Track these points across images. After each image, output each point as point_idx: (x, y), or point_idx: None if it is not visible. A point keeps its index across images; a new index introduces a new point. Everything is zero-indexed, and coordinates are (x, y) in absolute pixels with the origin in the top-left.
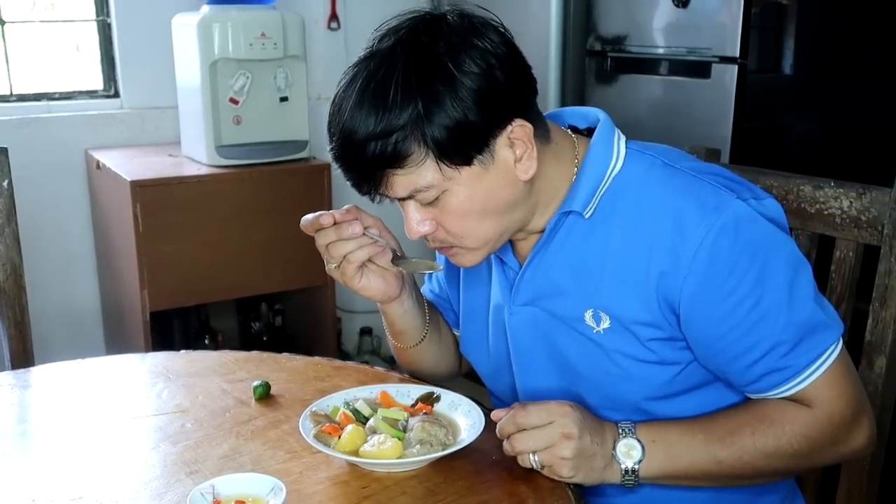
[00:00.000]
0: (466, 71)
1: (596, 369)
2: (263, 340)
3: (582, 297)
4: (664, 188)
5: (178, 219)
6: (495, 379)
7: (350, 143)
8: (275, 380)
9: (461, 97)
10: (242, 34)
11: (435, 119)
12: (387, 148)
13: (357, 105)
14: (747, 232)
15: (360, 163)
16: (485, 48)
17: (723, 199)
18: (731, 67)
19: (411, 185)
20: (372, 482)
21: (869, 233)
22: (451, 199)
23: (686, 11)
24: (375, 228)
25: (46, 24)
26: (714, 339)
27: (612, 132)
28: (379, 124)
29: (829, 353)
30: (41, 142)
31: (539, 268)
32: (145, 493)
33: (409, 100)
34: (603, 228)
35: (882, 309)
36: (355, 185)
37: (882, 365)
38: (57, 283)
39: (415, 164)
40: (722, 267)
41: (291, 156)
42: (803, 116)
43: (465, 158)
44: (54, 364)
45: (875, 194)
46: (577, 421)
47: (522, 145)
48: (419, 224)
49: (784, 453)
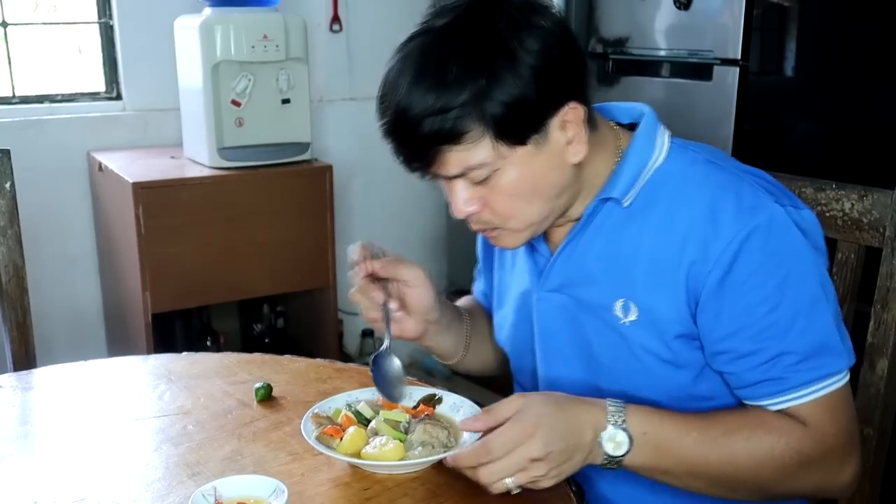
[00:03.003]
0: (528, 49)
1: (618, 361)
2: (265, 342)
3: (613, 286)
4: (704, 183)
5: (180, 220)
6: (517, 365)
7: (405, 119)
8: (277, 382)
9: (522, 75)
10: (244, 36)
11: (495, 96)
12: (445, 125)
13: (414, 81)
14: (779, 238)
15: (415, 139)
16: (545, 27)
17: (761, 201)
18: (733, 69)
19: (464, 163)
20: (374, 484)
21: (871, 235)
22: (502, 179)
23: (688, 13)
24: (394, 301)
25: (49, 26)
26: (723, 336)
27: (657, 126)
28: (438, 101)
29: (833, 380)
30: (43, 144)
31: (572, 255)
32: (147, 495)
33: (471, 76)
34: (640, 219)
35: (884, 311)
36: (406, 161)
37: (884, 367)
38: (59, 284)
39: (471, 141)
40: (747, 266)
41: (293, 158)
42: (805, 118)
43: (521, 138)
44: (56, 366)
45: (877, 196)
46: (543, 440)
47: (574, 128)
48: (466, 203)
49: (773, 465)
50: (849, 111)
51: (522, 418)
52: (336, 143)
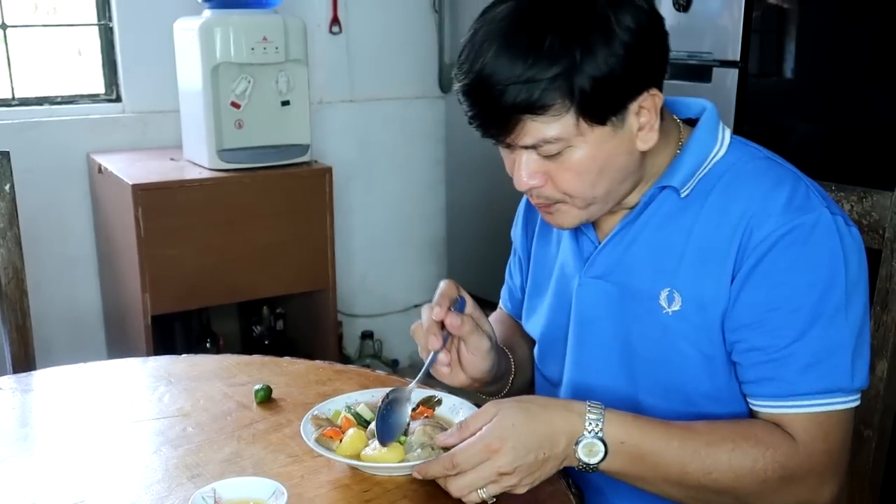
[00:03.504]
0: (624, 26)
1: (656, 352)
2: (265, 344)
3: (660, 275)
4: (763, 176)
5: (180, 222)
6: (546, 353)
7: (489, 84)
8: (276, 383)
9: (615, 52)
10: (244, 38)
11: (587, 70)
12: (532, 94)
13: (503, 47)
14: (819, 241)
15: (496, 106)
16: (640, 7)
17: (813, 203)
18: (732, 71)
19: (541, 135)
20: (373, 486)
21: (870, 236)
22: (574, 156)
23: (687, 15)
24: (445, 353)
25: (48, 28)
26: (740, 325)
27: (718, 121)
28: (528, 70)
29: (837, 399)
30: (43, 145)
31: (621, 243)
32: (147, 497)
33: (567, 48)
34: (694, 209)
35: (884, 312)
36: (481, 126)
37: (884, 368)
38: (59, 286)
39: (554, 114)
40: (779, 261)
41: (293, 160)
42: (804, 120)
43: (602, 117)
44: (56, 368)
45: (876, 198)
46: (511, 455)
47: (649, 115)
48: (530, 176)
49: (755, 478)
50: (848, 113)
51: (491, 432)
52: (336, 145)
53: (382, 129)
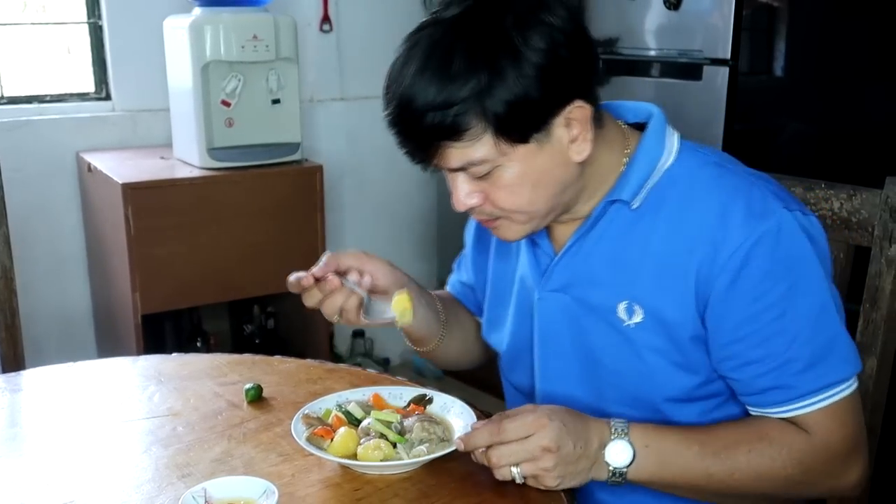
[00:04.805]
0: (533, 47)
1: (620, 363)
2: (256, 343)
3: (617, 288)
4: (715, 185)
5: (170, 221)
6: (514, 363)
7: (408, 111)
8: (267, 382)
9: (525, 73)
10: (234, 36)
11: (497, 94)
12: (446, 119)
13: (418, 73)
14: (788, 244)
15: (417, 132)
16: (552, 24)
17: (770, 206)
18: (723, 69)
19: (465, 158)
20: (364, 484)
21: (859, 234)
22: (503, 175)
23: (677, 14)
24: (354, 273)
25: (37, 26)
26: (729, 342)
27: (665, 127)
28: (440, 95)
29: (840, 388)
30: (32, 144)
31: (577, 255)
32: (137, 497)
33: (473, 72)
34: (648, 221)
35: (873, 310)
36: (409, 153)
37: (873, 366)
38: (48, 285)
39: (472, 138)
40: (755, 272)
41: (284, 158)
42: (794, 118)
43: (523, 136)
44: (45, 367)
45: (865, 196)
46: (556, 432)
47: (579, 126)
48: (467, 196)
49: (776, 476)
50: (838, 111)
51: (540, 410)
52: (326, 143)
53: (373, 127)
